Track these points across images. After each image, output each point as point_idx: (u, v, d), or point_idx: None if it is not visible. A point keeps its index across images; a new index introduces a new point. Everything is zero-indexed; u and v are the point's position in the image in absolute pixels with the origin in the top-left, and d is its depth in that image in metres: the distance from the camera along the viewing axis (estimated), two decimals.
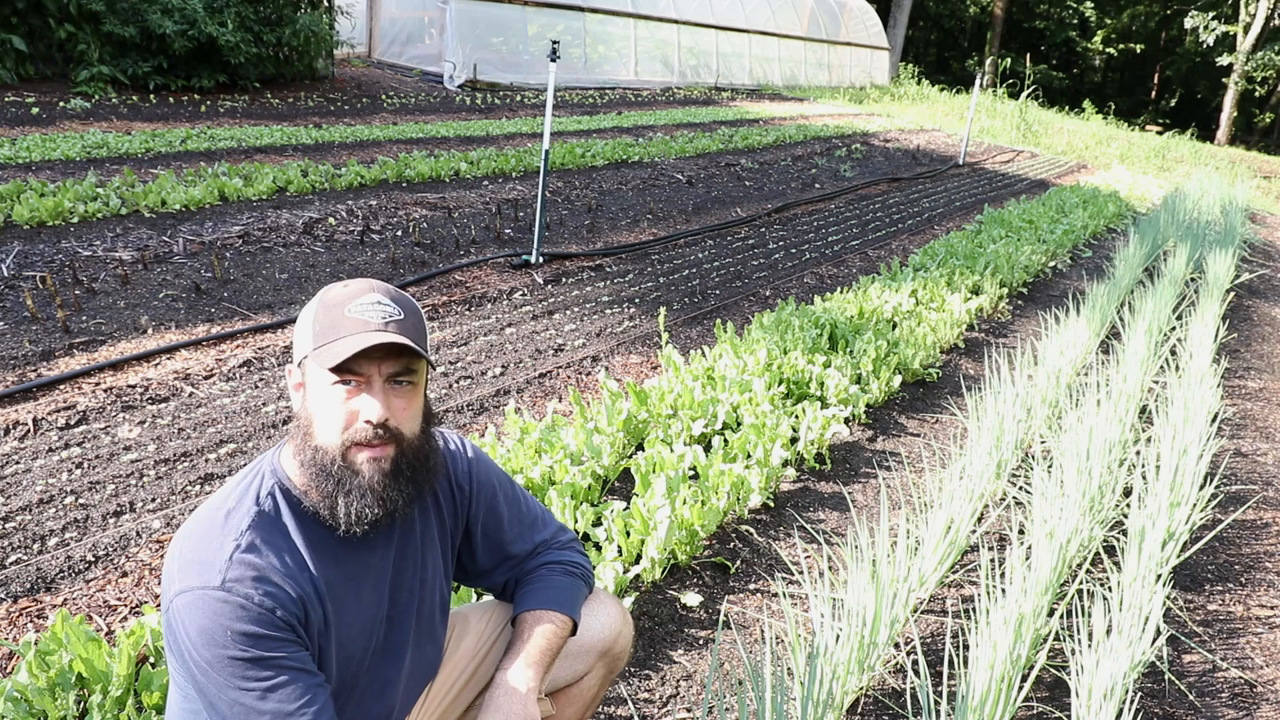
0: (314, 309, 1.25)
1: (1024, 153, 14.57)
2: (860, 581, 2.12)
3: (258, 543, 1.20)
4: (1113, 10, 33.46)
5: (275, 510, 1.25)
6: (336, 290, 1.25)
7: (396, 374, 1.23)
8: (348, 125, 9.50)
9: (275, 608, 1.18)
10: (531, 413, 3.53)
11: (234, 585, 1.16)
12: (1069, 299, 5.81)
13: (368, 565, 1.33)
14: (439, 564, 1.46)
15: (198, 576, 1.17)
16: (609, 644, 1.59)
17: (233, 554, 1.18)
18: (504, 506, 1.55)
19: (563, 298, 5.04)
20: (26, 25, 9.23)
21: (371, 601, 1.34)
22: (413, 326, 1.25)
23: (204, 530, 1.22)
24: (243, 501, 1.24)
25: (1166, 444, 3.17)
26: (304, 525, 1.26)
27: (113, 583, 2.38)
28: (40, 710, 1.78)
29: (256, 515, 1.22)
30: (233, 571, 1.17)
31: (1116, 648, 2.05)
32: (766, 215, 7.65)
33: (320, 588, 1.25)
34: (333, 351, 1.19)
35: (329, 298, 1.25)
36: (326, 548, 1.28)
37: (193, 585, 1.16)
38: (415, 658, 1.44)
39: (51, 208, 5.23)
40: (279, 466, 1.28)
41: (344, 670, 1.31)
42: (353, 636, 1.31)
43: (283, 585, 1.19)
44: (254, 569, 1.18)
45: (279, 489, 1.26)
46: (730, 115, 14.33)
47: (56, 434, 3.06)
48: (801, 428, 3.39)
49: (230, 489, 1.27)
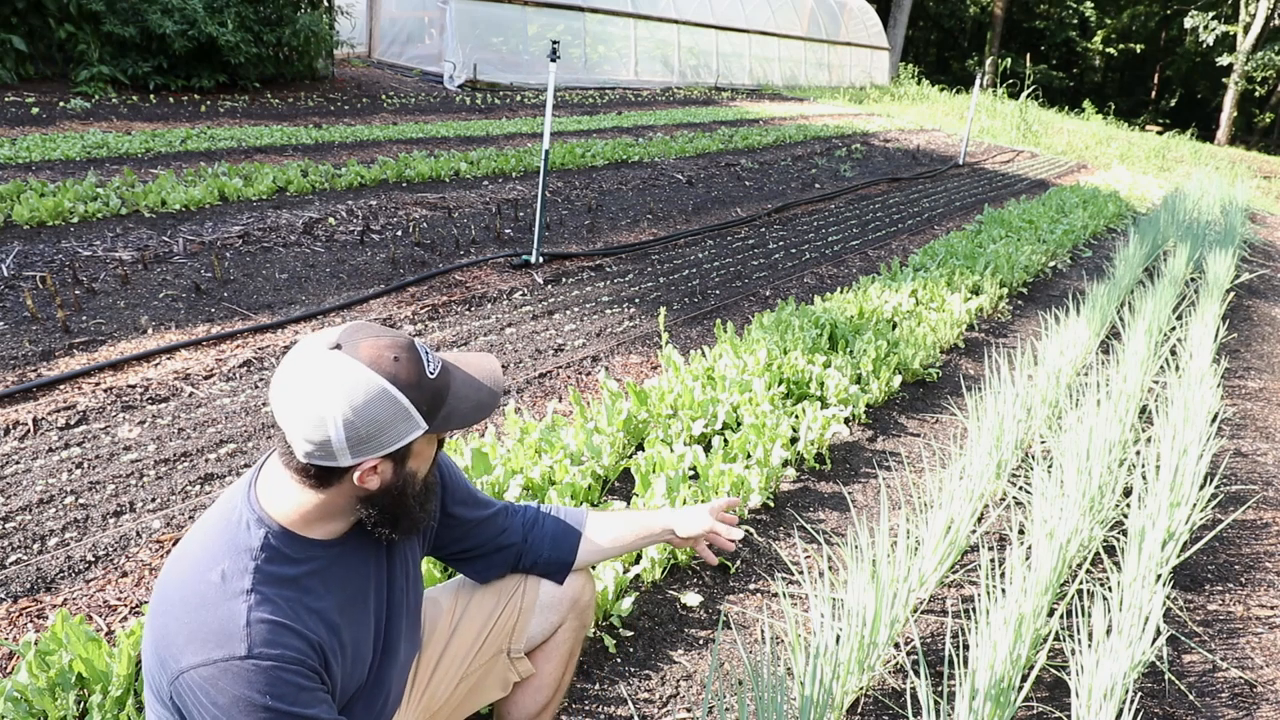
0: (394, 389, 1.27)
1: (1024, 153, 14.57)
2: (860, 581, 2.12)
3: (268, 598, 1.16)
4: (1113, 10, 33.46)
5: (272, 557, 1.20)
6: (403, 372, 1.27)
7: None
8: (348, 125, 9.50)
9: (302, 659, 1.16)
10: (531, 413, 3.53)
11: (262, 650, 1.13)
12: (1069, 299, 5.80)
13: (367, 576, 1.35)
14: (417, 555, 1.52)
15: (218, 648, 1.12)
16: (578, 592, 1.70)
17: (248, 618, 1.14)
18: (458, 473, 1.61)
19: (563, 298, 5.04)
20: (26, 25, 9.23)
21: (373, 609, 1.36)
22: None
23: (200, 598, 1.16)
24: (236, 560, 1.18)
25: (1166, 444, 3.17)
26: (302, 562, 1.23)
27: (113, 583, 2.38)
28: (40, 710, 1.78)
29: (255, 570, 1.17)
30: (256, 636, 1.13)
31: (1116, 648, 2.05)
32: (766, 215, 7.65)
33: (332, 620, 1.25)
34: (464, 415, 1.33)
35: (402, 377, 1.26)
36: (330, 574, 1.27)
37: (214, 658, 1.12)
38: (407, 651, 1.48)
39: (51, 208, 5.23)
40: (263, 513, 1.22)
41: (356, 679, 1.33)
42: (363, 649, 1.34)
43: (302, 635, 1.18)
44: (274, 627, 1.15)
45: (271, 537, 1.21)
46: (730, 115, 14.33)
47: (56, 434, 3.06)
48: (801, 428, 3.39)
49: (208, 548, 1.20)
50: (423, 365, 1.21)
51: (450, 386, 1.25)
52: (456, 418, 1.25)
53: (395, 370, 1.17)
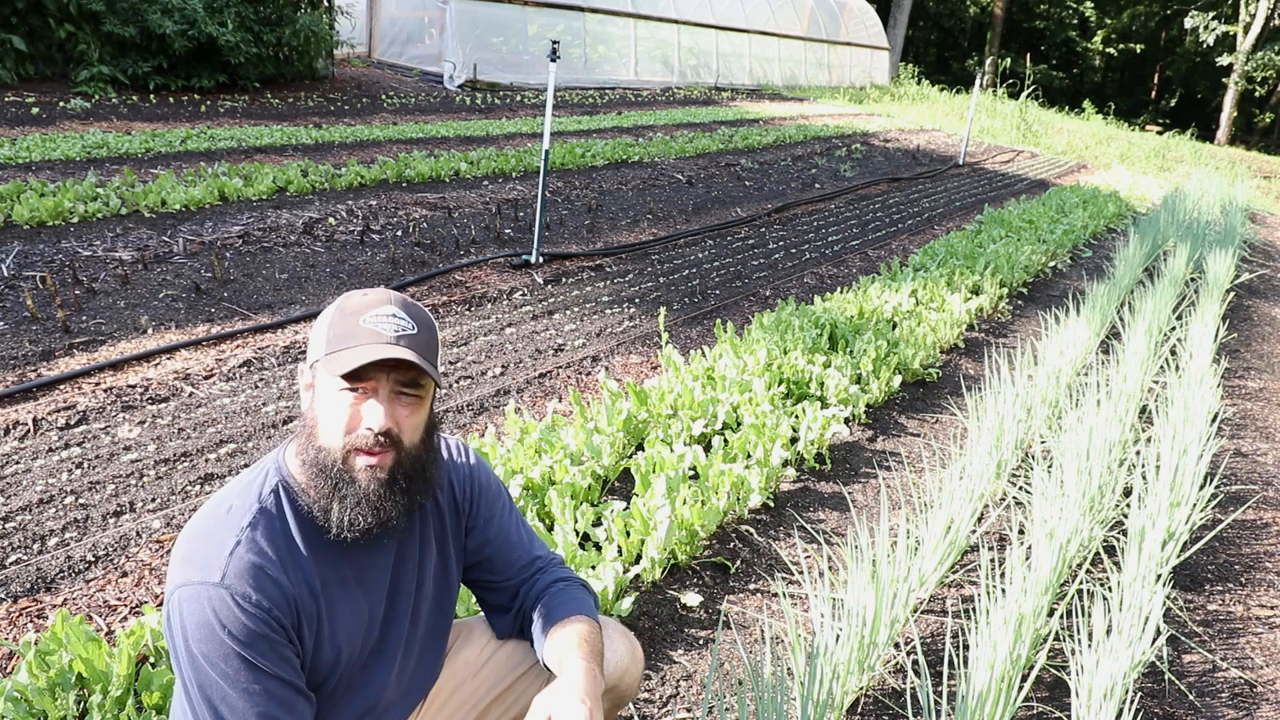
0: (331, 314, 1.28)
1: (1024, 153, 14.57)
2: (860, 581, 2.12)
3: (258, 539, 1.22)
4: (1113, 10, 33.45)
5: (277, 507, 1.26)
6: (355, 298, 1.28)
7: (403, 385, 1.26)
8: (348, 125, 9.50)
9: (271, 607, 1.19)
10: (531, 413, 3.53)
11: (233, 583, 1.18)
12: (1069, 299, 5.80)
13: (366, 567, 1.34)
14: (438, 571, 1.46)
15: (198, 571, 1.19)
16: (616, 679, 1.54)
17: (233, 550, 1.20)
18: (505, 515, 1.55)
19: (563, 298, 5.04)
20: (26, 25, 9.23)
21: (367, 602, 1.35)
22: (424, 342, 1.28)
23: (208, 525, 1.24)
24: (246, 497, 1.26)
25: (1166, 444, 3.17)
26: (303, 523, 1.27)
27: (113, 583, 2.38)
28: (40, 710, 1.78)
29: (258, 512, 1.24)
30: (232, 568, 1.18)
31: (1116, 648, 2.05)
32: (766, 215, 7.65)
33: (315, 587, 1.26)
34: (343, 360, 1.21)
35: (347, 305, 1.28)
36: (325, 547, 1.29)
37: (192, 579, 1.18)
38: (409, 661, 1.44)
39: (51, 208, 5.23)
40: (284, 464, 1.30)
41: (335, 667, 1.32)
42: (346, 634, 1.32)
43: (279, 583, 1.21)
44: (252, 566, 1.19)
45: (282, 486, 1.28)
46: (730, 115, 14.33)
47: (56, 434, 3.06)
48: (801, 428, 3.39)
49: (237, 484, 1.30)
50: (371, 310, 1.25)
51: (361, 341, 1.23)
52: (340, 363, 1.22)
53: (348, 297, 1.28)
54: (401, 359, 1.22)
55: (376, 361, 1.21)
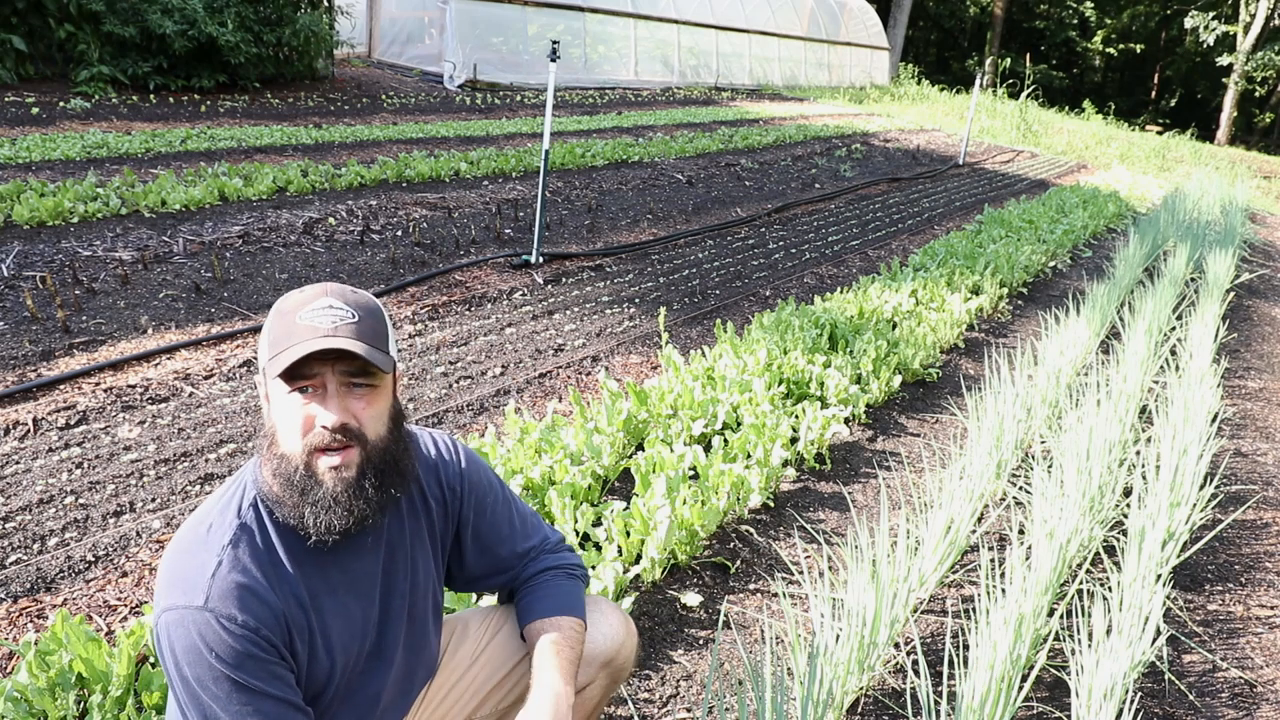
0: (270, 317, 1.24)
1: (1024, 153, 14.57)
2: (860, 581, 2.12)
3: (240, 557, 1.20)
4: (1113, 10, 33.45)
5: (257, 521, 1.24)
6: (293, 297, 1.24)
7: (351, 375, 1.21)
8: (348, 125, 9.50)
9: (259, 626, 1.17)
10: (531, 413, 3.53)
11: (217, 605, 1.16)
12: (1069, 299, 5.80)
13: (354, 571, 1.32)
14: (430, 567, 1.46)
15: (182, 595, 1.17)
16: (611, 655, 1.57)
17: (215, 571, 1.17)
18: (496, 510, 1.54)
19: (563, 298, 5.04)
20: (26, 25, 9.23)
21: (360, 607, 1.33)
22: (369, 329, 1.22)
23: (188, 545, 1.22)
24: (225, 514, 1.23)
25: (1166, 444, 3.17)
26: (285, 535, 1.25)
27: (113, 583, 2.38)
28: (40, 710, 1.78)
29: (239, 528, 1.22)
30: (215, 590, 1.16)
31: (1116, 648, 2.05)
32: (766, 215, 7.65)
33: (304, 599, 1.25)
34: (281, 360, 1.17)
35: (284, 305, 1.23)
36: (310, 557, 1.26)
37: (177, 604, 1.16)
38: (406, 660, 1.43)
39: (51, 208, 5.23)
40: (259, 476, 1.26)
41: (331, 675, 1.31)
42: (341, 642, 1.31)
43: (265, 601, 1.19)
44: (237, 586, 1.17)
45: (260, 499, 1.25)
46: (730, 115, 14.33)
47: (56, 434, 3.06)
48: (801, 428, 3.39)
49: (216, 501, 1.27)
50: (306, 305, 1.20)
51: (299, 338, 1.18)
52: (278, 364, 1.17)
53: (285, 298, 1.24)
54: (342, 349, 1.17)
55: (318, 355, 1.17)
